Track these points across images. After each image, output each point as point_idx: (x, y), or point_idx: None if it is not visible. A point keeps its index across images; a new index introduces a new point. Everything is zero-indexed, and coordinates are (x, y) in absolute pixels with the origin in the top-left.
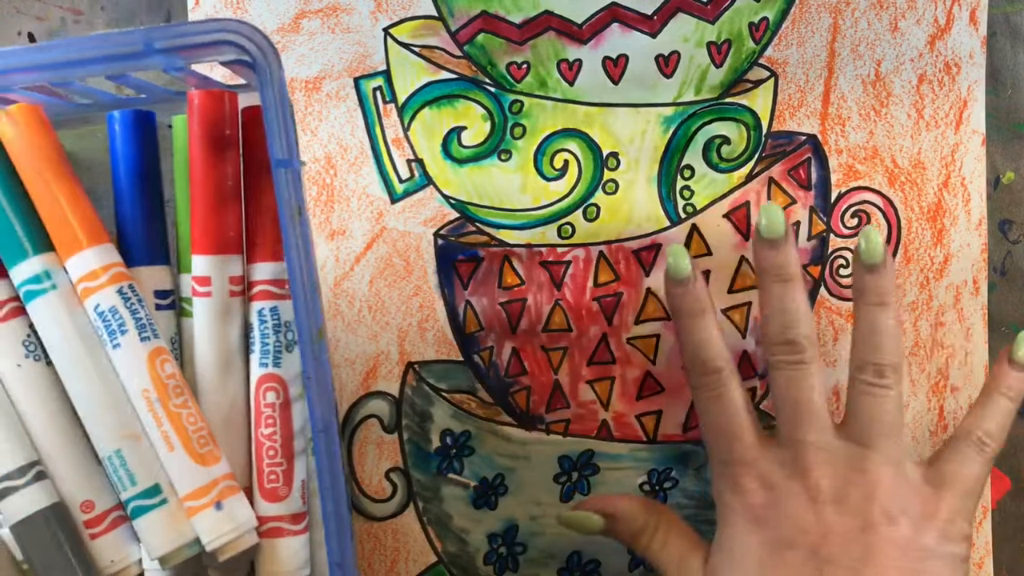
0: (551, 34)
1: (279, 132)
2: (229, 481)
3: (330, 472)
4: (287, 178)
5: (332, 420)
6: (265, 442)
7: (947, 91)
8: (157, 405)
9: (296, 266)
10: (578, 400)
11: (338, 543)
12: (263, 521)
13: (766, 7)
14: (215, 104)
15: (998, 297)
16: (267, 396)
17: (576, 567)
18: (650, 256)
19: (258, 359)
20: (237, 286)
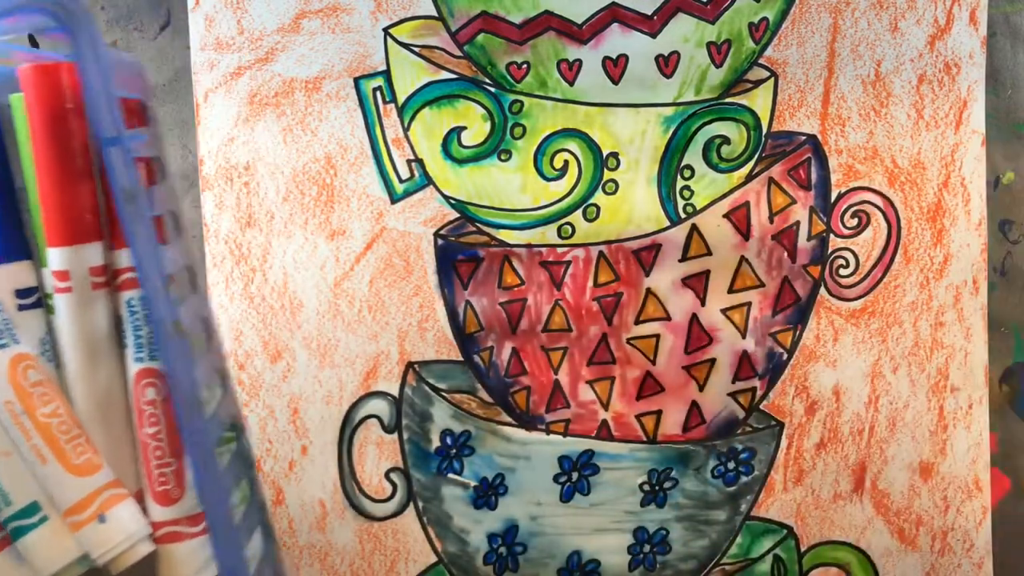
0: (551, 34)
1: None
2: (114, 489)
3: (210, 477)
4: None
5: (201, 419)
6: (150, 442)
7: (947, 91)
8: (23, 417)
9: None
10: (578, 400)
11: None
12: (158, 527)
13: (766, 7)
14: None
15: (998, 297)
16: (147, 392)
17: (576, 567)
18: (650, 256)
19: (133, 354)
20: (100, 276)
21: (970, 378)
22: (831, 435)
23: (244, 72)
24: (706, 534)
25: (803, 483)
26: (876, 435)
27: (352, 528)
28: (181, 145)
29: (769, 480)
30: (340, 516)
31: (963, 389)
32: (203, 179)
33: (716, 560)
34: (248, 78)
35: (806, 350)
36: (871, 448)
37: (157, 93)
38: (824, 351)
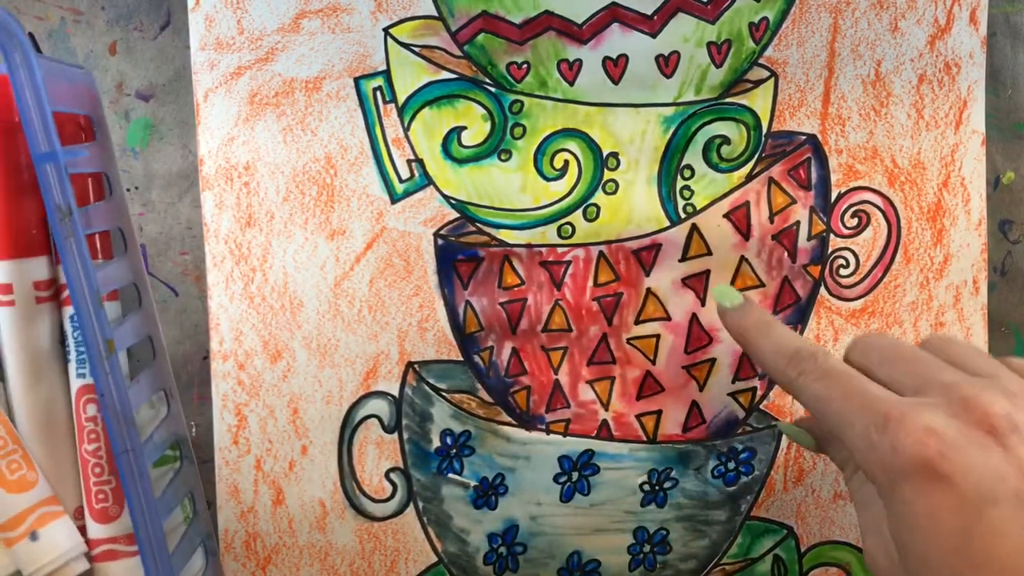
0: (551, 34)
1: (37, 121)
2: (49, 507)
3: (140, 496)
4: (53, 174)
5: (135, 439)
6: (90, 459)
7: (947, 91)
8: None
9: (74, 273)
10: (578, 400)
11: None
12: (95, 544)
13: (766, 7)
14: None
15: (998, 297)
16: (87, 409)
17: (576, 567)
18: (650, 256)
19: (75, 369)
20: (45, 291)
21: None
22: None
23: (244, 72)
24: (706, 534)
25: (803, 483)
26: None
27: (352, 528)
28: (181, 145)
29: (769, 480)
30: (340, 516)
31: None
32: (203, 179)
33: (716, 560)
34: (248, 78)
35: None
36: None
37: (157, 93)
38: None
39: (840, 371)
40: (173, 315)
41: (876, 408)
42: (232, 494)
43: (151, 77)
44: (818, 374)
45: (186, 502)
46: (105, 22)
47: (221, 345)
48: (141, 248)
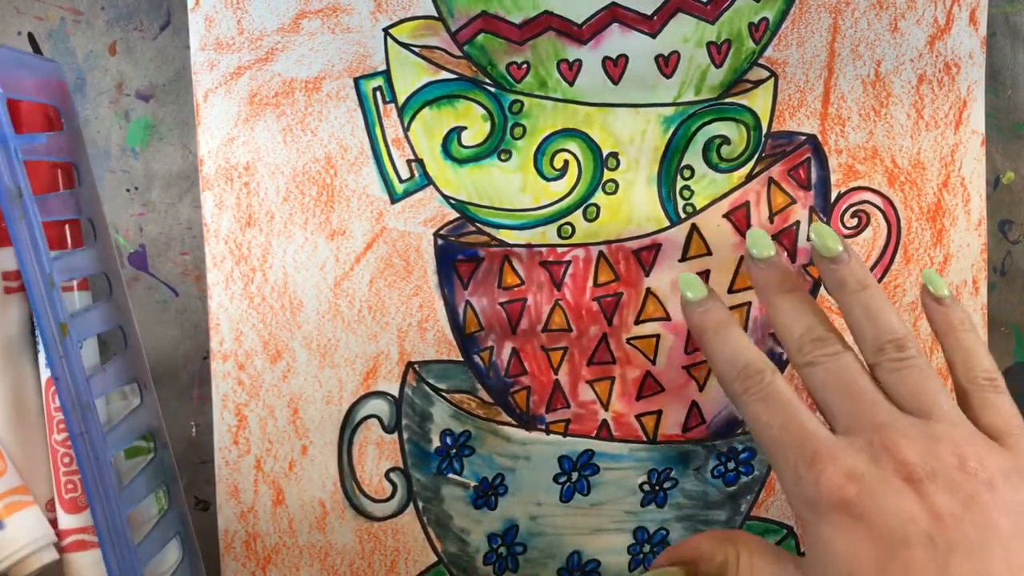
0: (551, 34)
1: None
2: (17, 496)
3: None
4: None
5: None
6: (59, 449)
7: (947, 91)
8: None
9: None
10: (578, 400)
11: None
12: (64, 535)
13: (766, 7)
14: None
15: (998, 297)
16: (56, 399)
17: (576, 567)
18: (650, 256)
19: (44, 359)
20: (14, 281)
21: None
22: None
23: (244, 72)
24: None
25: None
26: None
27: (352, 528)
28: (181, 145)
29: (769, 480)
30: (340, 516)
31: None
32: (203, 179)
33: None
34: (248, 78)
35: None
36: None
37: (157, 93)
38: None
39: (782, 397)
40: (173, 315)
41: (807, 444)
42: (232, 494)
43: (151, 77)
44: (761, 395)
45: (160, 494)
46: (105, 22)
47: (221, 345)
48: (140, 248)
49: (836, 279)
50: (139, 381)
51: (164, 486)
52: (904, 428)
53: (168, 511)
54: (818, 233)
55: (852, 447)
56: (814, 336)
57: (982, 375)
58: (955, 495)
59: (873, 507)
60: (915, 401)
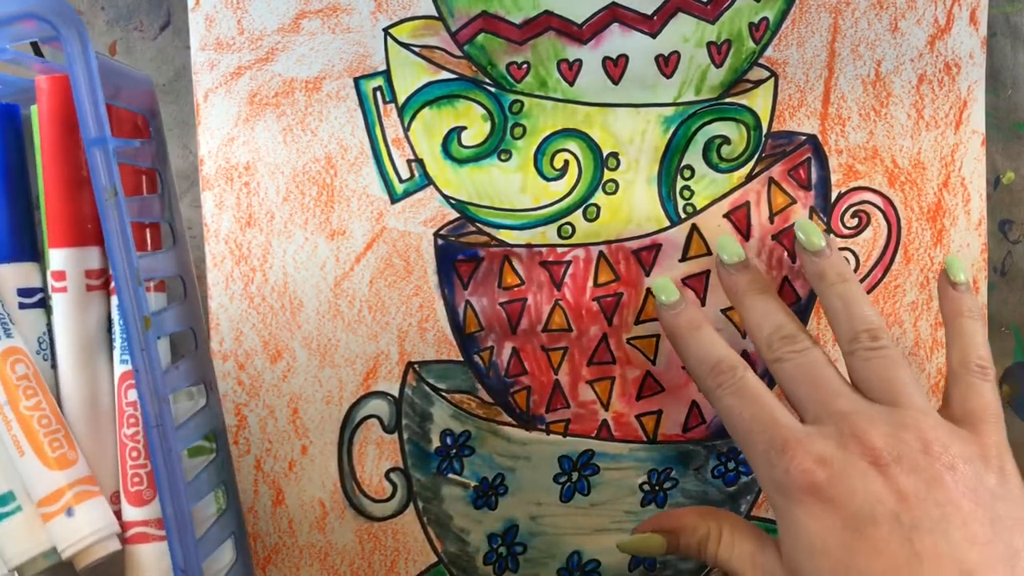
0: (551, 34)
1: (89, 109)
2: (86, 485)
3: (167, 472)
4: (101, 157)
5: (167, 416)
6: (128, 443)
7: (947, 91)
8: (7, 408)
9: (116, 251)
10: (578, 400)
11: (180, 546)
12: (128, 527)
13: (766, 7)
14: (61, 89)
15: (998, 297)
16: (128, 394)
17: (576, 567)
18: (650, 256)
19: (119, 355)
20: (96, 279)
21: None
22: None
23: (244, 72)
24: None
25: None
26: None
27: (352, 528)
28: (181, 145)
29: None
30: (340, 516)
31: None
32: (203, 179)
33: None
34: (248, 78)
35: None
36: None
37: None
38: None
39: (753, 391)
40: None
41: (778, 433)
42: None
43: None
44: (733, 389)
45: (219, 493)
46: (105, 22)
47: (221, 345)
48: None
49: (817, 271)
50: (205, 382)
51: (223, 486)
52: (871, 415)
53: (225, 511)
54: (802, 228)
55: (821, 435)
56: (783, 334)
57: (976, 361)
58: (919, 476)
59: (841, 489)
60: (885, 389)
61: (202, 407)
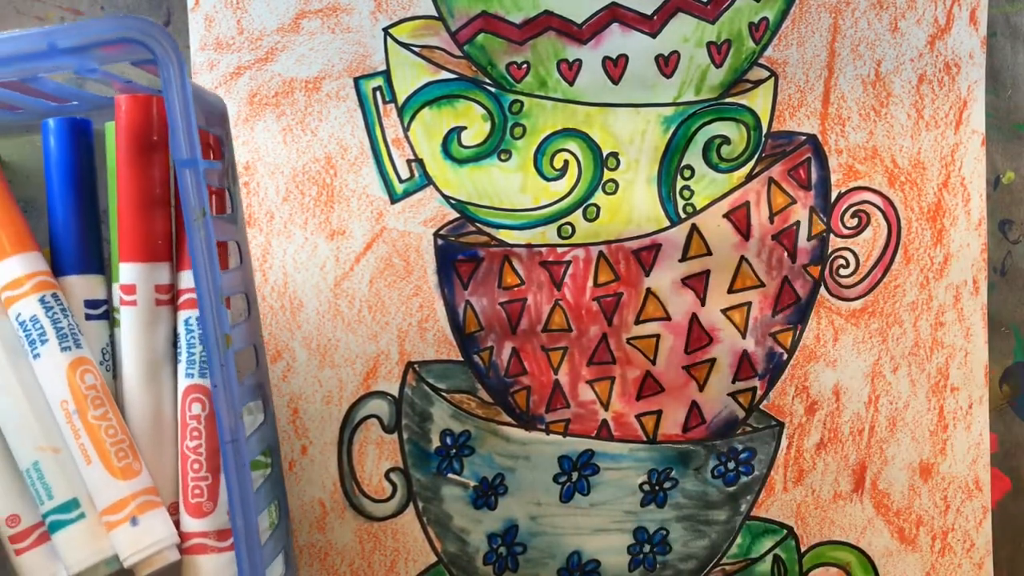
0: (551, 34)
1: (183, 132)
2: (149, 496)
3: (239, 485)
4: (191, 178)
5: (241, 430)
6: (190, 455)
7: (947, 91)
8: (75, 417)
9: (202, 269)
10: (578, 400)
11: (248, 559)
12: (187, 537)
13: (766, 7)
14: (141, 109)
15: (998, 297)
16: (192, 407)
17: (576, 567)
18: (650, 256)
19: (184, 369)
20: (164, 295)
21: (970, 378)
22: (831, 435)
23: (244, 72)
24: (706, 534)
25: (803, 483)
26: (876, 435)
27: (352, 528)
28: None
29: (769, 480)
30: (340, 516)
31: (963, 389)
32: None
33: (716, 560)
34: (248, 78)
35: (806, 350)
36: (871, 448)
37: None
38: (824, 351)
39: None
40: None
41: None
42: None
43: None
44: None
45: (272, 508)
46: None
47: None
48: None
49: None
50: (264, 399)
51: (276, 501)
52: None
53: (278, 526)
54: None
55: None
56: None
57: None
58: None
59: None
60: None
61: (261, 423)
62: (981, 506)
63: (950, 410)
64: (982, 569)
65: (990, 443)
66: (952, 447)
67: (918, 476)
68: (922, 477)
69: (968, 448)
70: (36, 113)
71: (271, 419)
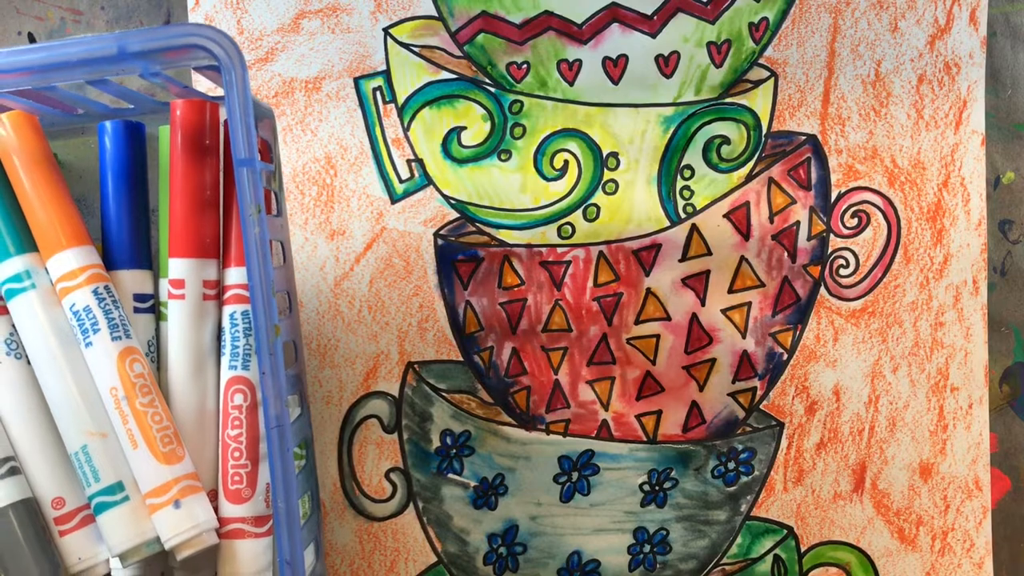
0: (551, 34)
1: (242, 133)
2: (191, 481)
3: (282, 468)
4: (248, 176)
5: (286, 416)
6: (231, 443)
7: (947, 91)
8: (124, 403)
9: (255, 263)
10: (578, 400)
11: (288, 540)
12: (225, 522)
13: (766, 7)
14: (196, 113)
15: (998, 297)
16: (235, 398)
17: (576, 567)
18: (650, 256)
19: (228, 361)
20: (211, 290)
21: (970, 378)
22: (831, 435)
23: None
24: (706, 534)
25: (803, 483)
26: (876, 435)
27: (352, 528)
28: None
29: (769, 480)
30: (340, 516)
31: (963, 389)
32: None
33: (716, 560)
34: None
35: (806, 350)
36: (871, 448)
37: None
38: (824, 351)
39: None
40: None
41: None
42: None
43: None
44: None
45: (306, 499)
46: (105, 22)
47: None
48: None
49: None
50: (302, 393)
51: (309, 492)
52: None
53: (311, 516)
54: None
55: None
56: None
57: None
58: None
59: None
60: None
61: (299, 416)
62: (981, 506)
63: (950, 410)
64: (982, 569)
65: (990, 443)
66: (952, 447)
67: (918, 476)
68: (922, 477)
69: (968, 448)
70: (93, 116)
71: (307, 413)
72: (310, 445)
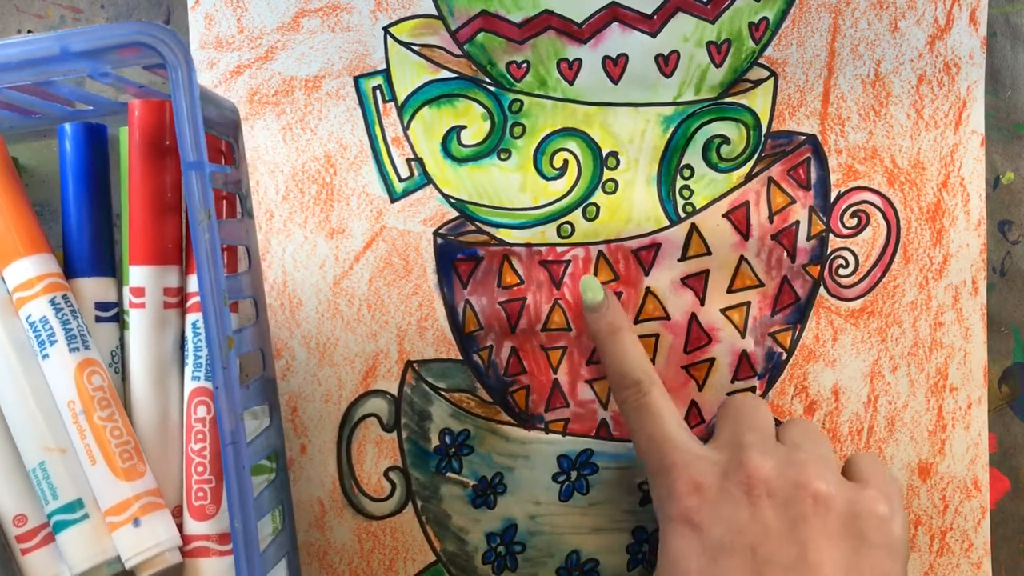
0: (551, 33)
1: (190, 135)
2: (152, 497)
3: (238, 487)
4: (197, 180)
5: (242, 432)
6: (194, 458)
7: (947, 91)
8: (82, 417)
9: (205, 272)
10: (577, 399)
11: (246, 563)
12: (189, 540)
13: (766, 7)
14: (155, 114)
15: (997, 297)
16: (198, 410)
17: (574, 566)
18: (649, 256)
19: (191, 371)
20: (173, 298)
21: (969, 378)
22: (830, 435)
23: (244, 71)
24: None
25: None
26: (875, 435)
27: (351, 527)
28: None
29: None
30: (339, 515)
31: (962, 389)
32: None
33: None
34: (248, 77)
35: (805, 350)
36: (870, 448)
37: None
38: (823, 351)
39: (653, 409)
40: None
41: (667, 454)
42: None
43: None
44: (635, 404)
45: (276, 513)
46: (105, 20)
47: None
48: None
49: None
50: (270, 404)
51: (280, 506)
52: (767, 450)
53: (282, 531)
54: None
55: (710, 460)
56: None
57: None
58: (786, 513)
59: (709, 516)
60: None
61: (266, 427)
62: (980, 506)
63: (949, 410)
64: (980, 569)
65: (989, 443)
66: (951, 447)
67: (917, 476)
68: (921, 477)
69: (967, 448)
70: (52, 118)
71: (277, 424)
72: (281, 456)
